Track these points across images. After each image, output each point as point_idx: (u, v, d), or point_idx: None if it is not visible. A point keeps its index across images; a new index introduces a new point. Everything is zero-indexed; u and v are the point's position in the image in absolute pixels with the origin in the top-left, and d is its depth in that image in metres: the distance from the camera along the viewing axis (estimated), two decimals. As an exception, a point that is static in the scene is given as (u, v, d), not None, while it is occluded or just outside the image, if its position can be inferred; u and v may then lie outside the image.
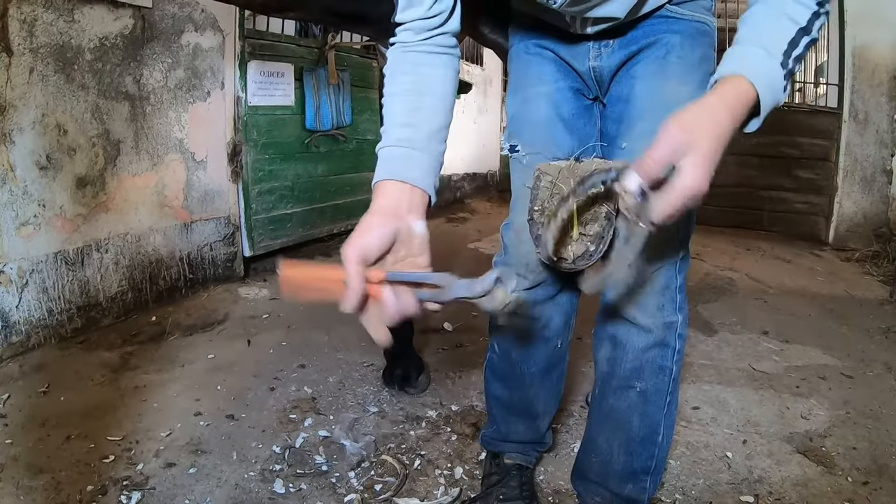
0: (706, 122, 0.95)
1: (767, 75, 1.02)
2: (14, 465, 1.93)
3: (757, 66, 1.02)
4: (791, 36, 1.05)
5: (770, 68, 1.03)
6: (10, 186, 2.64)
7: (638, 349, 1.44)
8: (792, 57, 1.05)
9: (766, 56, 1.03)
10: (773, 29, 1.06)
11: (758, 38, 1.05)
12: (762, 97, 1.01)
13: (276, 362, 2.75)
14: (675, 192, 0.92)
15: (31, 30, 2.64)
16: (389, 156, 1.15)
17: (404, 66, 1.19)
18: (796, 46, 1.05)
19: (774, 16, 1.07)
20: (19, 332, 2.72)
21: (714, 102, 0.99)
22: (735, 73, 1.01)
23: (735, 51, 1.06)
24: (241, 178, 3.90)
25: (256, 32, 4.06)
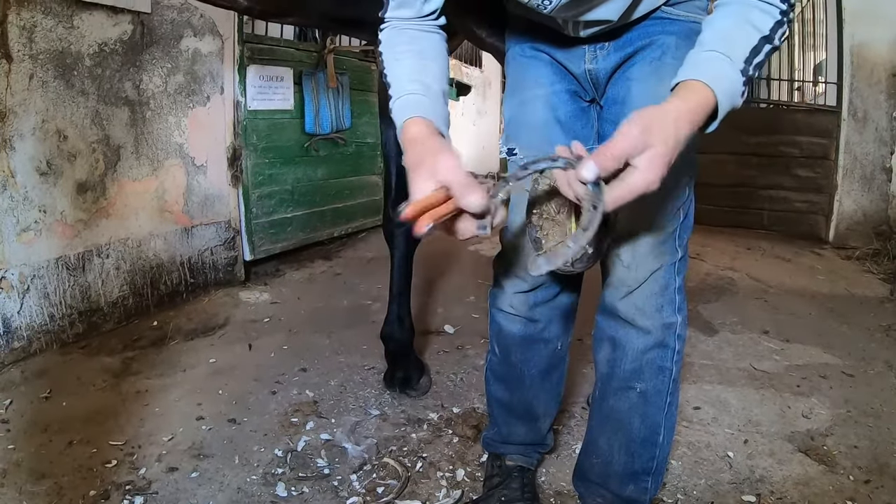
0: (666, 126, 0.99)
1: (728, 82, 1.06)
2: (16, 471, 1.93)
3: (718, 74, 1.06)
4: (753, 43, 1.09)
5: (731, 75, 1.07)
6: (11, 192, 2.64)
7: (637, 350, 1.45)
8: (753, 64, 1.09)
9: (728, 64, 1.07)
10: (736, 35, 1.10)
11: (721, 44, 1.09)
12: (721, 103, 1.06)
13: (277, 366, 2.75)
14: (626, 187, 0.98)
15: (31, 36, 2.65)
16: (412, 101, 1.18)
17: (402, 38, 1.26)
18: (758, 54, 1.09)
19: (738, 22, 1.11)
20: (21, 338, 2.73)
21: (676, 108, 1.04)
22: (698, 79, 1.06)
23: (699, 56, 1.10)
24: (241, 182, 3.90)
25: (255, 37, 4.07)
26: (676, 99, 1.06)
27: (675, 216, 1.39)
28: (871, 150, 5.38)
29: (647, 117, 1.00)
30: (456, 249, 4.91)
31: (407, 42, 1.24)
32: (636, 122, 0.99)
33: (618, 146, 0.97)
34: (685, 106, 1.04)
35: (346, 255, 4.77)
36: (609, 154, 0.97)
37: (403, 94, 1.19)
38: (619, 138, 0.97)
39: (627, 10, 1.25)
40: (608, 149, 0.97)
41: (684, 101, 1.05)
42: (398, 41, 1.25)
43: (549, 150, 1.45)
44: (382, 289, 3.68)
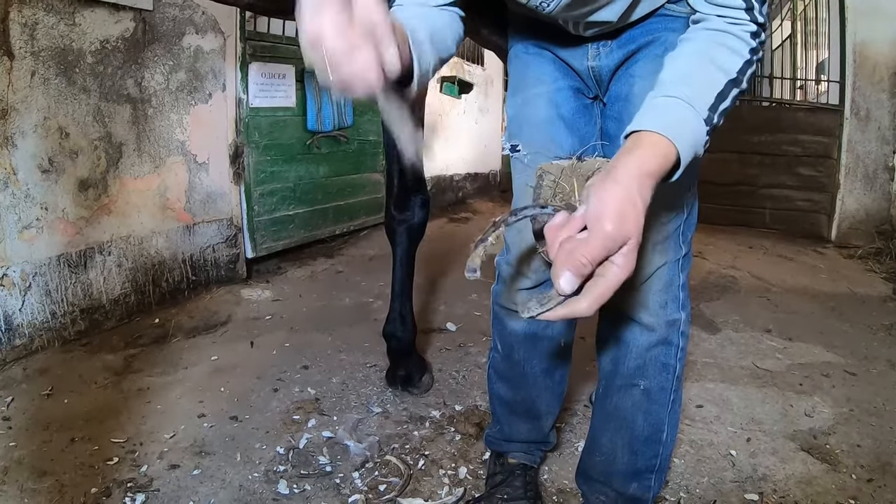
0: (636, 209, 0.90)
1: (691, 134, 1.00)
2: (18, 468, 1.93)
3: (681, 125, 0.99)
4: (719, 88, 1.03)
5: (694, 126, 1.00)
6: (13, 190, 2.64)
7: (641, 347, 1.44)
8: (718, 111, 1.02)
9: (691, 113, 1.00)
10: (700, 80, 1.03)
11: (683, 89, 1.02)
12: (682, 156, 0.98)
13: (279, 364, 2.75)
14: (607, 285, 0.90)
15: (33, 33, 2.64)
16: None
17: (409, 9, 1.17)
18: (724, 99, 1.03)
19: (704, 65, 1.05)
20: (22, 336, 2.73)
21: (638, 173, 0.94)
22: (658, 131, 0.97)
23: (658, 102, 1.03)
24: (243, 179, 3.90)
25: (257, 34, 4.07)
26: (637, 163, 0.95)
27: (678, 213, 1.38)
28: (873, 149, 5.38)
29: (615, 205, 0.89)
30: (458, 248, 4.91)
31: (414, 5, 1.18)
32: (607, 216, 0.88)
33: (595, 250, 0.88)
34: (649, 171, 0.95)
35: (347, 253, 4.77)
36: (586, 261, 0.87)
37: None
38: (593, 240, 0.88)
39: (627, 10, 1.25)
40: (584, 253, 0.88)
41: (647, 165, 0.95)
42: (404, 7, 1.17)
43: (553, 146, 1.45)
44: (384, 287, 3.69)
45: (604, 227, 0.87)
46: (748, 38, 1.05)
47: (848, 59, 5.35)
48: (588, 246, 0.88)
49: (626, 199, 0.90)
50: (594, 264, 0.88)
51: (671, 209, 1.37)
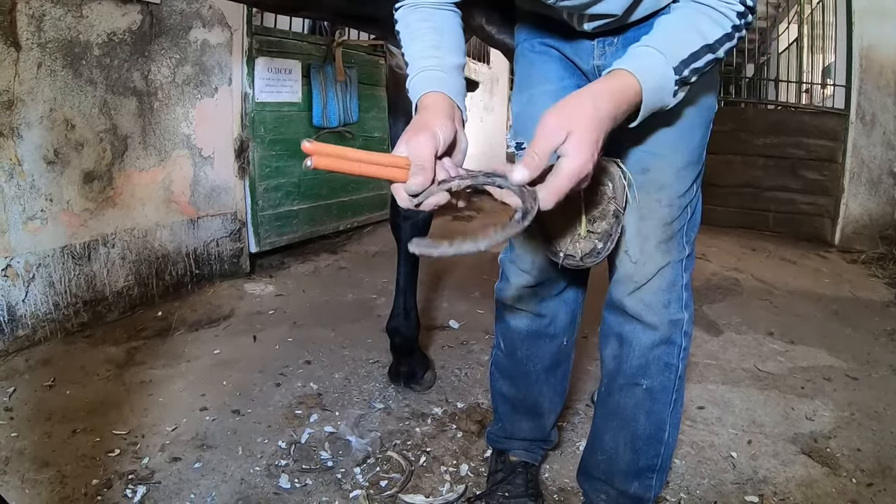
0: (584, 108, 0.99)
1: (656, 76, 1.07)
2: (20, 459, 1.94)
3: (648, 67, 1.06)
4: (694, 49, 1.08)
5: (661, 70, 1.07)
6: (18, 181, 2.64)
7: (644, 346, 1.44)
8: (689, 67, 1.08)
9: (662, 60, 1.07)
10: (678, 38, 1.09)
11: (660, 42, 1.09)
12: (645, 96, 1.06)
13: (281, 358, 2.76)
14: (560, 175, 0.97)
15: (40, 25, 2.65)
16: (425, 78, 1.20)
17: (417, 15, 1.27)
18: (697, 59, 1.09)
19: (685, 27, 1.11)
20: (25, 326, 2.73)
21: (596, 90, 1.04)
22: (625, 68, 1.06)
23: (635, 49, 1.10)
24: (247, 174, 3.90)
25: (264, 29, 4.07)
26: (599, 82, 1.07)
27: (682, 213, 1.38)
28: (878, 154, 5.37)
29: (562, 105, 1.01)
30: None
31: (422, 19, 1.26)
32: (550, 113, 0.99)
33: (538, 143, 0.98)
34: (605, 87, 1.05)
35: (351, 249, 4.77)
36: (532, 153, 0.97)
37: (419, 70, 1.21)
38: (537, 135, 0.98)
39: (632, 4, 1.25)
40: (531, 148, 0.98)
41: (607, 85, 1.05)
42: (413, 18, 1.26)
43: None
44: (387, 283, 3.69)
45: (545, 122, 0.98)
46: (733, 15, 1.09)
47: (854, 64, 5.34)
48: (534, 141, 0.98)
49: (573, 100, 1.01)
50: (541, 156, 0.97)
51: (675, 209, 1.37)
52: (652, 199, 1.35)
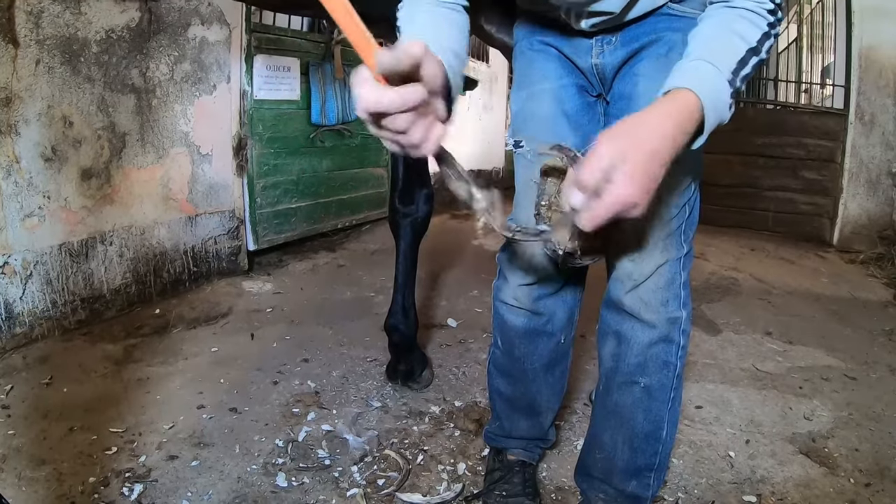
0: (642, 135, 0.95)
1: (715, 91, 1.02)
2: (16, 456, 1.93)
3: (705, 82, 1.02)
4: (741, 55, 1.06)
5: (717, 84, 1.03)
6: (16, 178, 2.64)
7: (642, 345, 1.44)
8: (740, 76, 1.06)
9: (715, 72, 1.03)
10: (722, 46, 1.07)
11: (707, 54, 1.05)
12: (707, 113, 1.02)
13: (279, 356, 2.75)
14: (602, 203, 0.93)
15: (38, 21, 2.64)
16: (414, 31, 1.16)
17: (420, 7, 1.23)
18: (745, 65, 1.06)
19: (724, 33, 1.09)
20: (23, 324, 2.73)
21: (656, 114, 0.99)
22: (683, 87, 1.01)
23: (683, 65, 1.07)
24: (246, 171, 3.90)
25: (263, 26, 4.07)
26: (659, 107, 1.02)
27: (681, 212, 1.38)
28: (877, 154, 5.37)
29: (619, 128, 0.97)
30: (460, 244, 4.91)
31: (424, 11, 1.22)
32: (605, 136, 0.96)
33: (589, 163, 0.94)
34: (668, 113, 1.00)
35: (349, 247, 4.77)
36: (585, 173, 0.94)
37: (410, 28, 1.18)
38: (589, 157, 0.95)
39: (630, 2, 1.25)
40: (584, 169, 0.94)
41: (667, 108, 1.01)
42: (415, 10, 1.23)
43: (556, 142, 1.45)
44: (385, 281, 3.69)
45: (598, 147, 0.94)
46: (766, 13, 1.08)
47: (853, 64, 5.33)
48: (586, 162, 0.94)
49: (635, 125, 0.97)
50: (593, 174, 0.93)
51: (673, 207, 1.37)
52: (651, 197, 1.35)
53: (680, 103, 1.00)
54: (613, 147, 0.93)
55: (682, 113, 1.00)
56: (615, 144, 0.93)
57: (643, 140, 0.95)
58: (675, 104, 1.00)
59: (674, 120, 0.99)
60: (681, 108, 1.00)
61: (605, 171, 0.92)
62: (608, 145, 0.93)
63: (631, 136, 0.95)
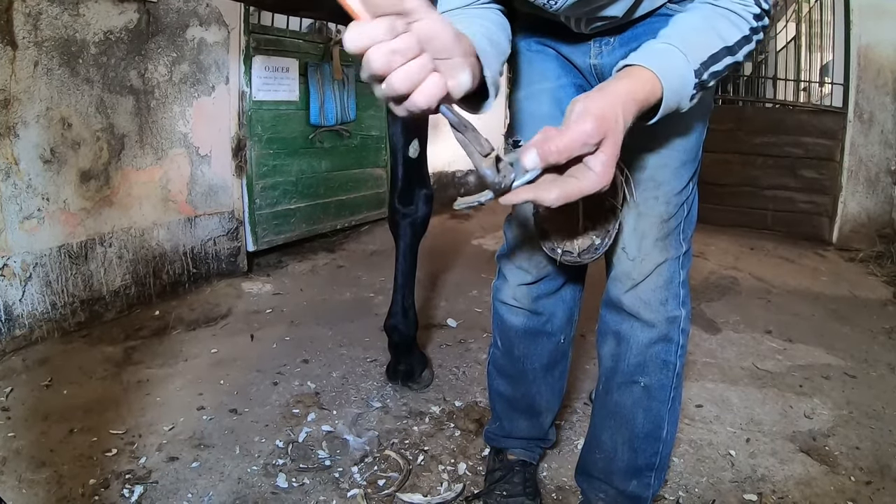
0: (616, 118, 0.92)
1: (678, 78, 1.02)
2: (16, 459, 1.93)
3: (670, 66, 1.02)
4: (714, 50, 1.05)
5: (683, 72, 1.03)
6: (15, 180, 2.64)
7: (642, 344, 1.44)
8: (709, 70, 1.05)
9: (683, 61, 1.02)
10: (698, 38, 1.06)
11: (680, 41, 1.04)
12: (665, 97, 1.01)
13: (279, 357, 2.75)
14: (578, 187, 0.91)
15: (36, 23, 2.64)
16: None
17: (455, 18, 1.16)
18: (716, 62, 1.06)
19: (704, 28, 1.07)
20: (23, 326, 2.73)
21: (625, 94, 0.97)
22: (648, 66, 1.00)
23: (653, 45, 1.06)
24: (245, 172, 3.89)
25: (261, 27, 4.06)
26: (625, 84, 0.99)
27: (679, 210, 1.38)
28: (876, 153, 5.37)
29: (597, 110, 0.90)
30: (459, 244, 4.91)
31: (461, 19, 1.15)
32: (588, 115, 0.89)
33: (566, 140, 0.88)
34: (635, 94, 0.98)
35: (349, 248, 4.77)
36: (555, 148, 0.88)
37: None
38: (568, 132, 0.88)
39: (631, 8, 1.25)
40: (556, 141, 0.88)
41: (634, 89, 0.98)
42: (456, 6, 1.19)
43: None
44: (385, 282, 3.69)
45: (582, 123, 0.88)
46: (750, 18, 1.07)
47: (852, 62, 5.33)
48: (562, 136, 0.88)
49: (608, 107, 0.92)
50: (562, 154, 0.88)
51: (672, 206, 1.37)
52: (649, 197, 1.35)
53: (645, 85, 1.00)
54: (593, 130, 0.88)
55: (647, 95, 0.99)
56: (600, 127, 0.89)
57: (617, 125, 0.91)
58: (640, 84, 0.99)
59: (640, 102, 0.98)
60: (647, 91, 0.99)
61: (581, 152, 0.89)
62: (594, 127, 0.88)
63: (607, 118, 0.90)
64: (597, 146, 0.89)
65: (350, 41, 0.74)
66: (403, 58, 0.75)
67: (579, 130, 0.88)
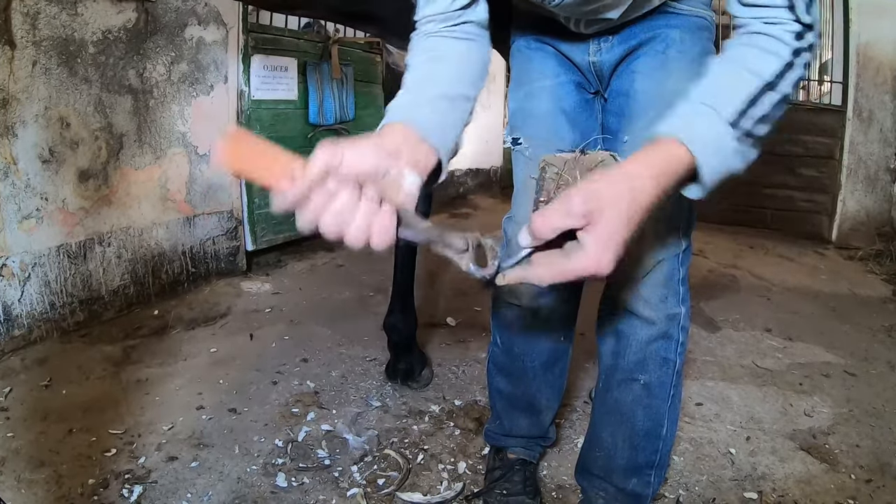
0: (619, 195, 0.83)
1: (710, 137, 0.91)
2: (15, 459, 1.93)
3: (696, 127, 0.91)
4: (750, 91, 0.93)
5: (715, 129, 0.92)
6: (13, 179, 2.63)
7: (641, 341, 1.44)
8: (748, 116, 0.92)
9: (713, 116, 0.92)
10: (727, 84, 0.95)
11: (707, 94, 0.94)
12: (703, 161, 0.90)
13: (278, 356, 2.75)
14: (569, 267, 0.84)
15: (34, 23, 2.63)
16: (394, 106, 1.04)
17: (423, 45, 1.17)
18: (756, 104, 0.93)
19: (733, 70, 0.96)
20: (21, 326, 2.72)
21: (635, 171, 0.88)
22: (670, 134, 0.91)
23: (679, 108, 0.96)
24: (243, 172, 3.88)
25: (260, 26, 4.05)
26: (639, 161, 0.90)
27: (678, 208, 1.38)
28: (875, 151, 5.37)
29: (597, 185, 0.84)
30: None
31: (425, 50, 1.16)
32: (580, 191, 0.83)
33: (554, 213, 0.83)
34: (649, 169, 0.88)
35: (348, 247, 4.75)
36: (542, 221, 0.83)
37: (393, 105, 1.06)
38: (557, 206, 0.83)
39: (630, 8, 1.24)
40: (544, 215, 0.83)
41: (648, 163, 0.89)
42: (417, 50, 1.17)
43: (555, 139, 1.45)
44: (384, 280, 3.68)
45: (572, 199, 0.81)
46: (788, 38, 0.94)
47: (851, 60, 5.33)
48: (547, 212, 0.84)
49: (608, 184, 0.85)
50: (549, 228, 0.83)
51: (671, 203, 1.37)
52: None
53: (664, 155, 0.90)
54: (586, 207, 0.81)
55: (667, 166, 0.89)
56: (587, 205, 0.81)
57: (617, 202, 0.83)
58: (660, 157, 0.90)
59: (656, 176, 0.88)
60: (667, 161, 0.90)
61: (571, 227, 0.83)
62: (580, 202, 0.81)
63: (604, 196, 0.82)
64: (583, 220, 0.81)
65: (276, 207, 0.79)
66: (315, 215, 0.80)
67: (567, 202, 0.82)
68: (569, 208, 0.81)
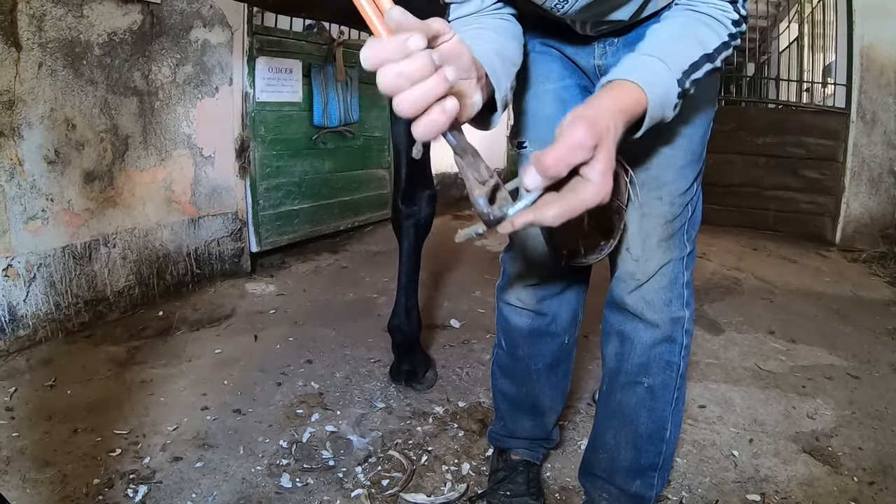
0: (607, 127, 0.87)
1: (662, 89, 1.00)
2: (20, 458, 1.94)
3: (655, 79, 1.00)
4: (695, 58, 1.05)
5: (667, 83, 1.01)
6: (19, 180, 2.65)
7: (645, 345, 1.44)
8: (690, 78, 1.04)
9: (666, 71, 1.01)
10: (679, 47, 1.05)
11: (661, 52, 1.03)
12: (651, 109, 0.99)
13: (282, 357, 2.75)
14: (579, 201, 0.84)
15: (40, 25, 2.65)
16: None
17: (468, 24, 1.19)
18: (697, 69, 1.05)
19: (684, 36, 1.07)
20: (26, 326, 2.73)
21: (613, 106, 0.93)
22: (633, 80, 0.97)
23: (636, 59, 1.03)
24: (248, 173, 3.90)
25: (265, 29, 4.07)
26: (612, 97, 0.95)
27: (683, 211, 1.39)
28: (878, 153, 5.36)
29: (590, 117, 0.86)
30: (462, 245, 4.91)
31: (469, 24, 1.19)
32: (580, 120, 0.84)
33: (560, 151, 0.82)
34: (622, 107, 0.94)
35: (352, 249, 4.77)
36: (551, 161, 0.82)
37: None
38: (560, 143, 0.83)
39: (638, 10, 1.25)
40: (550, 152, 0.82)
41: (620, 102, 0.94)
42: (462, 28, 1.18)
43: None
44: (388, 282, 3.70)
45: (573, 131, 0.82)
46: (729, 23, 1.08)
47: (855, 63, 5.33)
48: (556, 146, 0.83)
49: (598, 115, 0.87)
50: (559, 164, 0.82)
51: (676, 207, 1.37)
52: (653, 197, 1.35)
53: (632, 97, 0.97)
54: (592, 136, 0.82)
55: (634, 107, 0.96)
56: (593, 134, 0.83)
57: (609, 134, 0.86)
58: (627, 98, 0.96)
59: (627, 114, 0.95)
60: (634, 103, 0.96)
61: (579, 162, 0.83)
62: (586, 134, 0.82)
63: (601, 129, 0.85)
64: (592, 153, 0.83)
65: (364, 58, 0.73)
66: (409, 81, 0.73)
67: (573, 136, 0.82)
68: (579, 142, 0.82)
